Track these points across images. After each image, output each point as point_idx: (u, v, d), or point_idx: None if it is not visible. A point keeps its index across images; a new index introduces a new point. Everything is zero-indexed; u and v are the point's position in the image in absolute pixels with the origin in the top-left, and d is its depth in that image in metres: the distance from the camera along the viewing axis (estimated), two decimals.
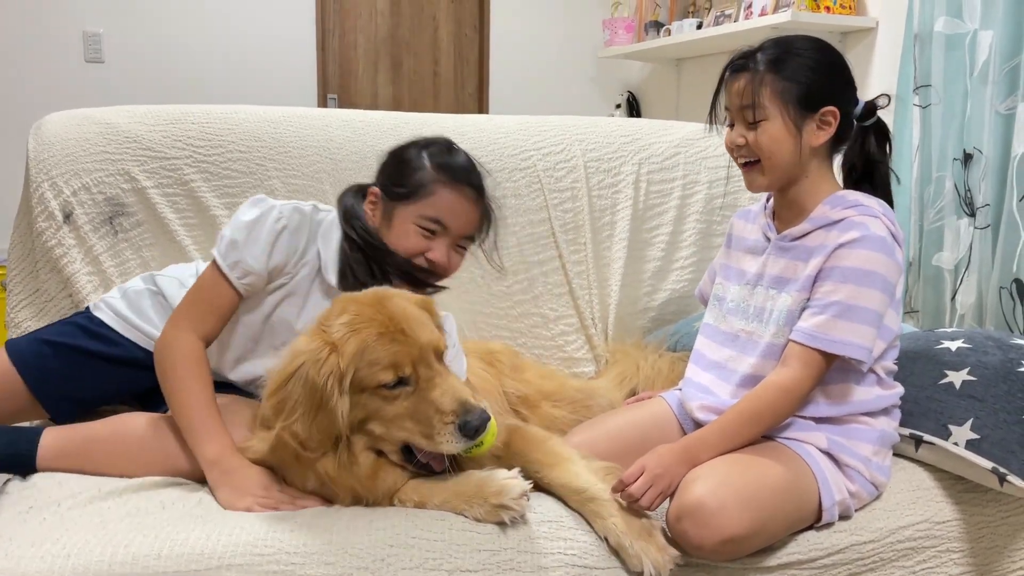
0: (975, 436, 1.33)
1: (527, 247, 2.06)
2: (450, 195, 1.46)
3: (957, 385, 1.41)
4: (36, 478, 1.29)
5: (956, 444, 1.33)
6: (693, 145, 2.28)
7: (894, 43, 2.98)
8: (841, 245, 1.33)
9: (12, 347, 1.47)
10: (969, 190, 2.52)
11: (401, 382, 1.17)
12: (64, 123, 1.77)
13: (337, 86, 4.43)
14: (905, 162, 2.67)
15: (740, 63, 1.44)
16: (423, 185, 1.45)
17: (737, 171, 1.48)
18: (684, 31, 3.97)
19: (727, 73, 1.46)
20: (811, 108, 1.38)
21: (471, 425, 1.15)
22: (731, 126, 1.47)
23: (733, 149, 1.47)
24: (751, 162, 1.44)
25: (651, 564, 1.18)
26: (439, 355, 1.22)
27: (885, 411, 1.39)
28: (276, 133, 1.90)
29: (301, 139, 1.92)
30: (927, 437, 1.37)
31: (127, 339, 1.50)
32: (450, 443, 1.15)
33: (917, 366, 1.49)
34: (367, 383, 1.16)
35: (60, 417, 1.44)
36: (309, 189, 1.88)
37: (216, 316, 1.40)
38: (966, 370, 1.42)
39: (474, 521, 1.20)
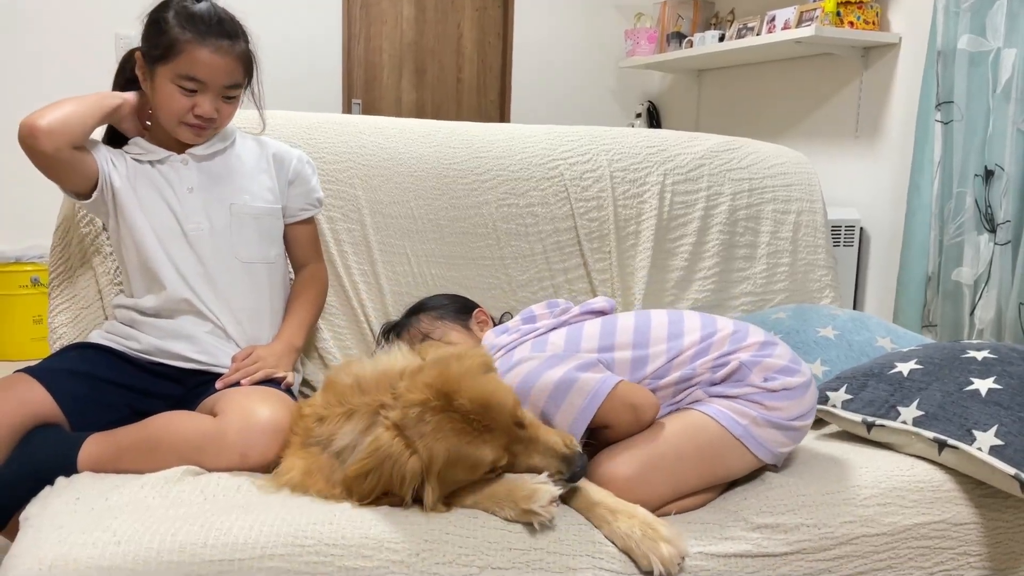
0: (999, 442, 1.36)
1: (552, 255, 2.10)
2: (199, 50, 1.47)
3: (983, 392, 1.44)
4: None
5: (980, 449, 1.36)
6: (717, 157, 2.31)
7: (917, 59, 3.01)
8: None
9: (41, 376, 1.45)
10: (990, 206, 2.54)
11: (493, 470, 1.21)
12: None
13: (362, 91, 4.49)
14: (926, 177, 2.70)
15: None
16: (172, 44, 1.47)
17: (762, 183, 1.51)
18: (706, 43, 4.01)
19: None
20: None
21: (578, 474, 1.22)
22: None
23: None
24: None
25: (659, 562, 1.21)
26: (520, 420, 1.23)
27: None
28: (310, 138, 1.94)
29: (335, 145, 1.96)
30: (951, 441, 1.40)
31: (130, 356, 1.54)
32: (556, 491, 1.19)
33: (943, 373, 1.52)
34: (460, 479, 1.21)
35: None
36: (343, 194, 1.93)
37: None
38: (992, 378, 1.45)
39: (505, 520, 1.23)
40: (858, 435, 1.59)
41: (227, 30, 1.52)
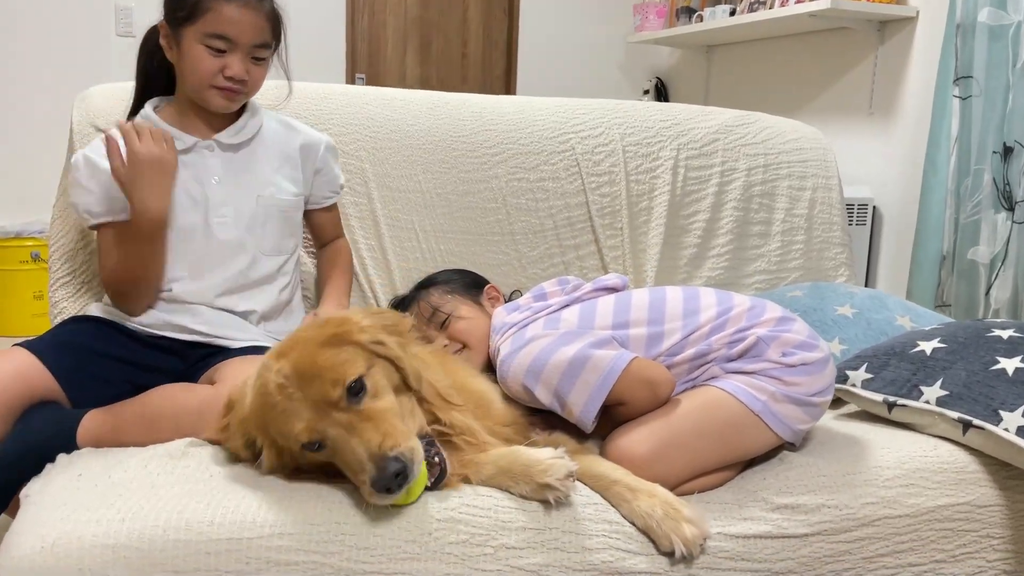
0: None
1: (563, 231, 2.06)
2: (227, 6, 1.43)
3: (1010, 372, 1.40)
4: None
5: (1007, 430, 1.32)
6: (732, 132, 2.26)
7: (934, 33, 2.94)
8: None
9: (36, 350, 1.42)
10: (1008, 184, 2.49)
11: (317, 445, 1.11)
12: (109, 96, 1.77)
13: (366, 65, 4.43)
14: (943, 154, 2.65)
15: None
16: (198, 2, 1.43)
17: (777, 159, 1.46)
18: (717, 17, 3.94)
19: None
20: None
21: (381, 483, 1.04)
22: None
23: None
24: None
25: (681, 543, 1.17)
26: (355, 392, 1.10)
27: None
28: (317, 109, 1.89)
29: (342, 116, 1.91)
30: (976, 421, 1.36)
31: (130, 328, 1.50)
32: (374, 499, 1.07)
33: (968, 352, 1.47)
34: (283, 447, 1.15)
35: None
36: (349, 167, 1.88)
37: (111, 250, 1.50)
38: (1019, 357, 1.41)
39: (519, 499, 1.20)
40: (878, 415, 1.55)
41: None
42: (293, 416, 1.10)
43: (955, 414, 1.40)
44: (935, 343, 1.53)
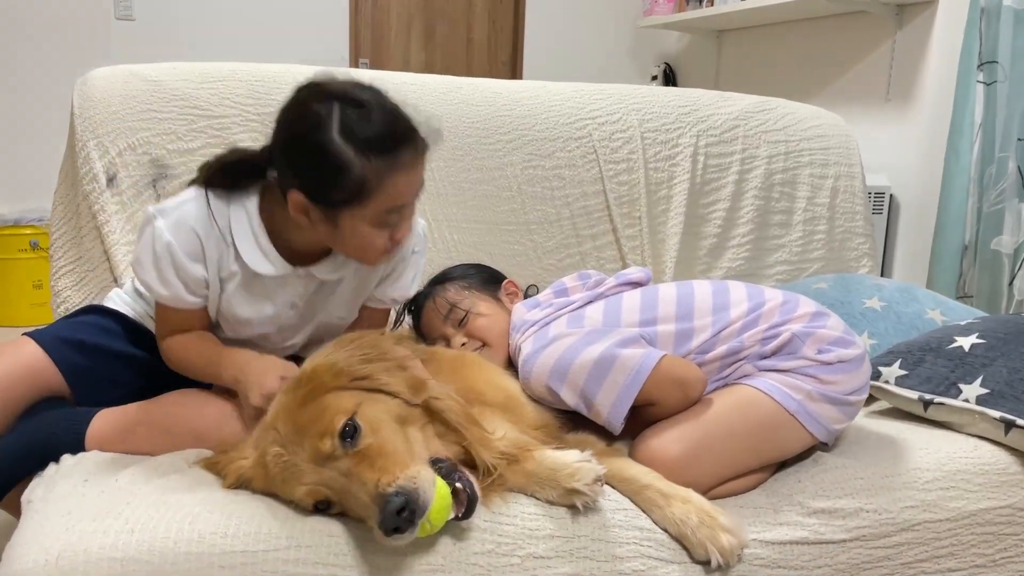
0: None
1: (580, 220, 1.99)
2: (398, 176, 1.15)
3: None
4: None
5: None
6: (752, 118, 2.19)
7: (955, 17, 2.86)
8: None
9: (44, 342, 1.34)
10: None
11: (326, 505, 1.05)
12: (110, 79, 1.70)
13: (369, 51, 4.34)
14: (965, 142, 2.58)
15: None
16: (364, 184, 1.12)
17: (799, 146, 1.38)
18: (728, 2, 3.85)
19: None
20: None
21: (388, 525, 0.94)
22: None
23: None
24: None
25: (717, 553, 1.12)
26: (348, 436, 1.02)
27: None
28: None
29: None
30: (1020, 421, 1.31)
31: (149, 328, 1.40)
32: (387, 543, 0.98)
33: (1009, 348, 1.42)
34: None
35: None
36: None
37: (191, 324, 1.30)
38: None
39: (546, 504, 1.14)
40: (912, 413, 1.49)
41: (412, 139, 1.17)
42: (294, 481, 1.04)
43: (997, 413, 1.34)
44: (973, 339, 1.47)
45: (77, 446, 1.24)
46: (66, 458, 1.20)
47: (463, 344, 1.50)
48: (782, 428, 1.28)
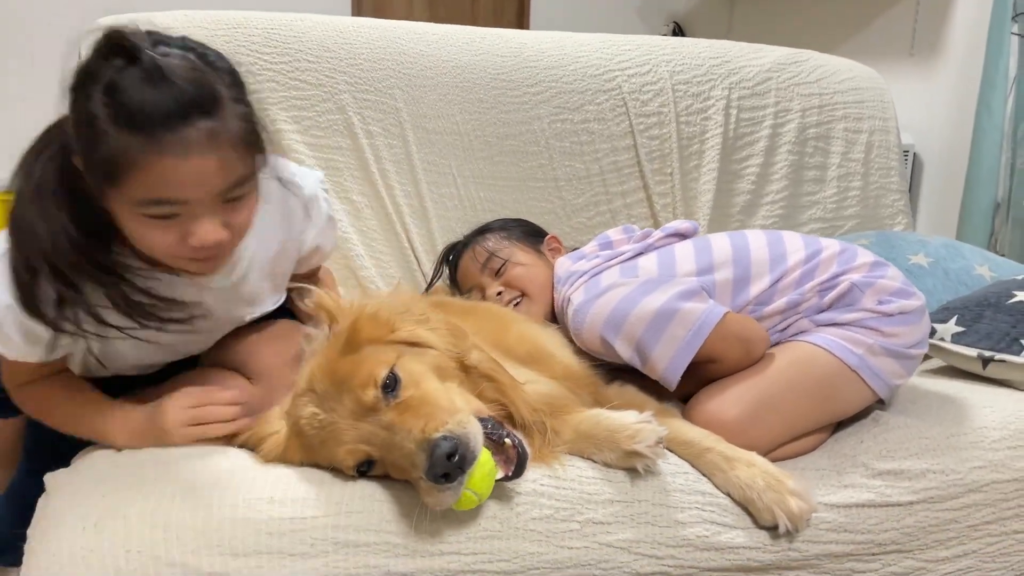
0: None
1: (610, 176, 1.91)
2: (164, 159, 0.88)
3: None
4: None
5: None
6: (785, 70, 2.11)
7: None
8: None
9: None
10: None
11: (368, 465, 0.98)
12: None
13: (371, 8, 4.20)
14: (999, 96, 2.50)
15: None
16: (114, 160, 0.88)
17: (832, 99, 1.31)
18: None
19: None
20: None
21: (436, 470, 0.87)
22: None
23: None
24: None
25: (785, 518, 1.07)
26: (390, 388, 0.96)
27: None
28: (346, 43, 1.73)
29: (372, 51, 1.75)
30: None
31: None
32: (432, 498, 0.92)
33: None
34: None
35: None
36: (382, 106, 1.73)
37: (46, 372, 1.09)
38: None
39: (603, 467, 1.08)
40: (970, 371, 1.43)
41: (199, 103, 0.90)
42: (333, 443, 0.97)
43: None
44: None
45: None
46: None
47: (499, 294, 1.44)
48: (843, 385, 1.22)
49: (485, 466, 0.93)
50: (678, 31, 4.67)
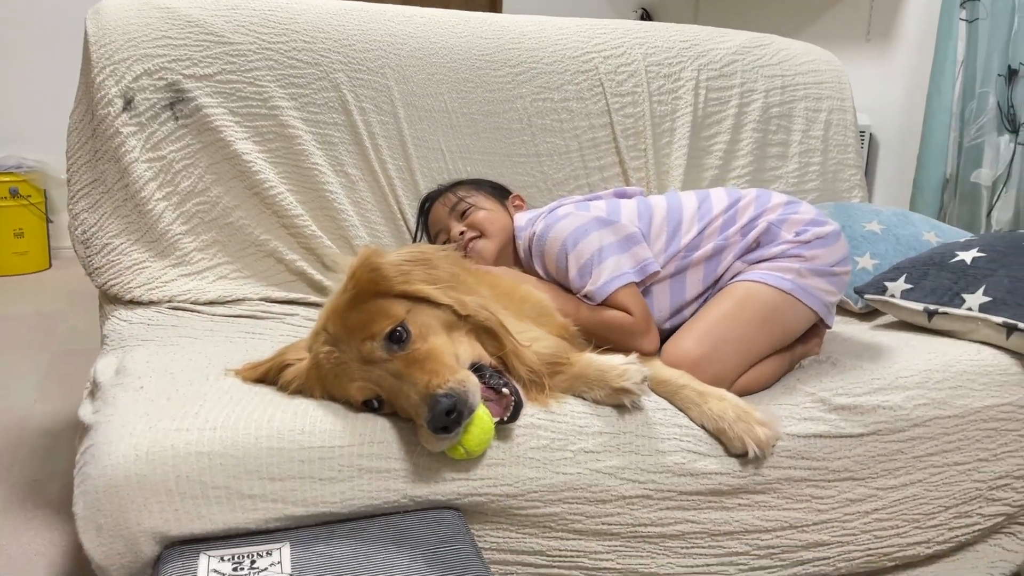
0: None
1: (588, 152, 2.04)
2: None
3: None
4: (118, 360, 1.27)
5: None
6: (750, 53, 2.25)
7: None
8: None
9: None
10: (1012, 106, 2.52)
11: (376, 403, 1.10)
12: (124, 7, 1.68)
13: None
14: (947, 78, 2.66)
15: None
16: None
17: (794, 80, 1.51)
18: None
19: None
20: None
21: (435, 423, 0.99)
22: None
23: None
24: None
25: (754, 444, 1.20)
26: (398, 340, 1.06)
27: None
28: (339, 25, 1.83)
29: (363, 33, 1.85)
30: (1022, 325, 1.41)
31: None
32: (431, 444, 1.04)
33: (1008, 259, 1.51)
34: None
35: None
36: (374, 84, 1.83)
37: None
38: None
39: (593, 404, 1.21)
40: (917, 324, 1.59)
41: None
42: (345, 378, 1.08)
43: (999, 319, 1.44)
44: (974, 252, 1.56)
45: None
46: (99, 368, 1.24)
47: (461, 233, 1.61)
48: (784, 309, 1.39)
49: (482, 424, 1.04)
50: (646, 17, 4.81)
